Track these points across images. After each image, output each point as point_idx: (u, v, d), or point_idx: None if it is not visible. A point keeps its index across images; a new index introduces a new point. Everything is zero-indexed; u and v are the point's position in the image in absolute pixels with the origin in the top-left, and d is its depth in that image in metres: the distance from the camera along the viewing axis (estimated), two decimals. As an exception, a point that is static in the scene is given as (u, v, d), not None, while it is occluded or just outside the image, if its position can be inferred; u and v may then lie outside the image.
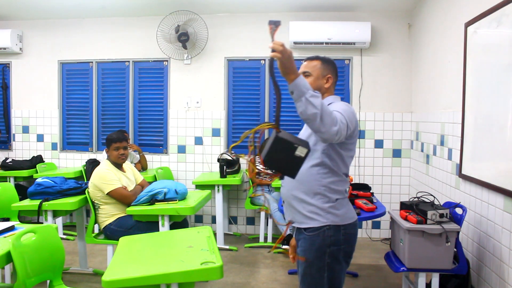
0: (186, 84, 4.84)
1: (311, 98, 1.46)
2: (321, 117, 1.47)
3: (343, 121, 1.57)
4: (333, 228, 1.72)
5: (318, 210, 1.73)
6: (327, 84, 1.85)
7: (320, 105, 1.47)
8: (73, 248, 3.98)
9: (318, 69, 1.83)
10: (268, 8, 4.55)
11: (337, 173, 1.75)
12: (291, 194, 1.80)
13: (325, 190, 1.73)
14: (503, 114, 2.39)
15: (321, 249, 1.72)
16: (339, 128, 1.51)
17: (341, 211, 1.74)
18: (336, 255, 1.73)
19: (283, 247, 3.99)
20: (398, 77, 4.53)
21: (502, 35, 2.43)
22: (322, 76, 1.84)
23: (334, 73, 1.88)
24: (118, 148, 3.29)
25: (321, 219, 1.72)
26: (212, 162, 4.79)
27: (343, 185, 1.78)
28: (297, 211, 1.79)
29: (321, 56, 1.89)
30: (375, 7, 4.44)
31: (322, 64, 1.84)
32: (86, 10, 4.70)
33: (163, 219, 2.97)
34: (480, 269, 2.71)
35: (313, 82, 1.81)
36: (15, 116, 5.16)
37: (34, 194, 3.17)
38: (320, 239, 1.72)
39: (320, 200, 1.73)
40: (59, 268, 2.28)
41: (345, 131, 1.57)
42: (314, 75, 1.83)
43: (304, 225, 1.76)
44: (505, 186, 2.33)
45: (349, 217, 1.77)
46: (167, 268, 1.82)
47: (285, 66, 1.49)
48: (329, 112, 1.50)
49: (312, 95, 1.47)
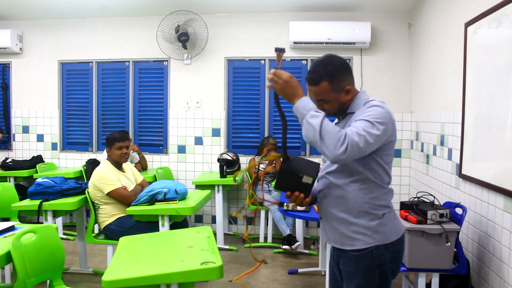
0: (186, 84, 4.84)
1: (310, 119, 1.38)
2: (321, 137, 1.36)
3: (360, 132, 1.40)
4: (381, 247, 1.54)
5: (364, 230, 1.54)
6: (349, 95, 1.59)
7: (318, 124, 1.36)
8: (73, 248, 3.98)
9: (329, 91, 1.55)
10: (268, 8, 4.55)
11: (381, 185, 1.56)
12: (330, 212, 1.61)
13: (370, 207, 1.54)
14: (503, 114, 2.38)
15: (370, 271, 1.55)
16: (347, 147, 1.36)
17: (388, 226, 1.56)
18: (386, 274, 1.57)
19: (283, 247, 3.99)
20: (398, 77, 4.53)
21: (502, 35, 2.43)
22: (339, 92, 1.57)
23: (345, 74, 1.58)
24: (121, 147, 3.29)
25: (368, 239, 1.54)
26: (212, 162, 4.79)
27: (389, 197, 1.60)
28: (337, 231, 1.60)
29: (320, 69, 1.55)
30: (375, 7, 4.44)
31: (330, 83, 1.54)
32: (86, 10, 4.70)
33: (163, 219, 2.97)
34: (480, 269, 2.70)
35: (335, 105, 1.59)
36: (15, 116, 5.16)
37: (34, 194, 3.17)
38: (368, 260, 1.55)
39: (365, 219, 1.54)
40: (59, 268, 2.28)
41: (365, 144, 1.40)
42: (332, 99, 1.57)
43: (348, 247, 1.57)
44: (505, 186, 2.33)
45: (397, 231, 1.60)
46: (167, 268, 1.82)
47: (284, 93, 1.45)
48: (332, 131, 1.37)
49: (312, 115, 1.38)
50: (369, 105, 1.52)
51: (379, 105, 1.51)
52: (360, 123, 1.44)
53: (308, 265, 3.72)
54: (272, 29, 4.66)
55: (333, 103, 1.58)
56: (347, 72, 1.60)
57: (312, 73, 1.56)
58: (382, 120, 1.45)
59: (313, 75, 1.56)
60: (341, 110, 1.63)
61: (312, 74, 1.56)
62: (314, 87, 1.56)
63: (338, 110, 1.62)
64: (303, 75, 4.65)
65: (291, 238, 3.96)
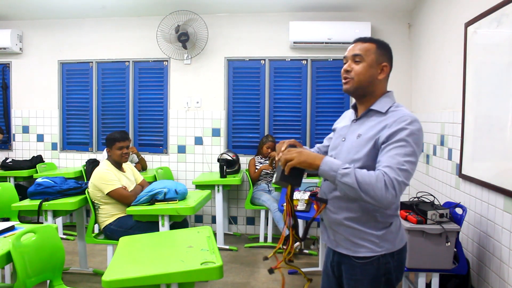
0: (186, 84, 4.84)
1: (343, 179, 1.32)
2: (364, 193, 1.30)
3: (401, 166, 1.33)
4: (387, 255, 1.50)
5: (373, 238, 1.49)
6: (382, 75, 1.51)
7: (355, 183, 1.30)
8: (73, 248, 3.98)
9: (372, 53, 1.49)
10: (268, 8, 4.55)
11: None
12: (337, 216, 1.54)
13: (380, 216, 1.49)
14: (503, 114, 2.38)
15: (376, 280, 1.51)
16: (396, 191, 1.31)
17: (394, 235, 1.52)
18: (391, 282, 1.53)
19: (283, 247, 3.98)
20: (398, 77, 4.52)
21: (502, 35, 2.43)
22: (377, 64, 1.50)
23: (391, 62, 1.54)
24: (122, 147, 3.29)
25: (375, 247, 1.49)
26: (212, 162, 4.79)
27: (397, 206, 1.56)
28: (343, 236, 1.54)
29: (375, 38, 1.56)
30: (375, 7, 4.44)
31: (377, 48, 1.51)
32: (86, 10, 4.70)
33: (163, 219, 2.97)
34: (480, 269, 2.70)
35: (365, 71, 1.49)
36: (15, 116, 5.16)
37: (34, 194, 3.17)
38: (374, 269, 1.50)
39: (374, 227, 1.49)
40: (59, 268, 2.28)
41: (409, 175, 1.35)
42: (367, 61, 1.49)
43: (353, 253, 1.52)
44: (505, 186, 2.33)
45: (402, 239, 1.57)
46: (167, 268, 1.82)
47: (303, 161, 1.38)
48: (370, 182, 1.30)
49: (342, 175, 1.32)
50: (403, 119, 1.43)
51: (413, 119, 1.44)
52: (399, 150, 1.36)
53: (308, 265, 3.72)
54: (272, 29, 4.66)
55: (366, 68, 1.49)
56: (391, 60, 1.56)
57: (365, 37, 1.57)
58: (419, 139, 1.42)
59: (366, 37, 1.56)
60: (362, 89, 1.52)
61: (364, 37, 1.57)
62: (361, 43, 1.52)
63: (361, 85, 1.51)
64: (303, 75, 4.66)
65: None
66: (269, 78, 4.73)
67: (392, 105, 1.51)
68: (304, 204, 3.00)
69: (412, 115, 1.46)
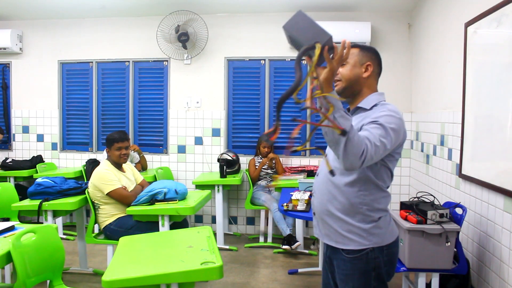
0: (186, 84, 4.84)
1: (340, 118, 1.28)
2: (345, 145, 1.28)
3: (377, 142, 1.36)
4: (376, 250, 1.53)
5: (359, 231, 1.53)
6: (366, 73, 1.59)
7: (349, 126, 1.28)
8: (73, 248, 3.98)
9: (355, 56, 1.58)
10: (268, 8, 4.55)
11: (381, 188, 1.56)
12: (325, 208, 1.59)
13: (367, 209, 1.53)
14: (503, 114, 2.38)
15: (366, 274, 1.54)
16: (365, 160, 1.32)
17: (383, 229, 1.55)
18: (382, 277, 1.56)
19: (283, 247, 3.99)
20: (398, 77, 4.52)
21: (502, 35, 2.43)
22: (360, 64, 1.59)
23: (376, 62, 1.61)
24: (120, 148, 3.29)
25: (363, 241, 1.53)
26: (212, 162, 4.79)
27: (387, 201, 1.59)
28: (332, 228, 1.58)
29: (360, 44, 1.64)
30: (375, 7, 4.44)
31: (360, 51, 1.60)
32: (86, 10, 4.70)
33: (163, 219, 2.97)
34: (480, 269, 2.70)
35: (350, 71, 1.57)
36: (15, 116, 5.16)
37: (34, 194, 3.17)
38: (363, 263, 1.53)
39: (361, 220, 1.53)
40: (59, 268, 2.28)
41: (377, 154, 1.37)
42: (351, 63, 1.58)
43: (342, 245, 1.56)
44: (505, 186, 2.33)
45: (392, 234, 1.59)
46: (167, 268, 1.82)
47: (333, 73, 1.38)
48: (358, 140, 1.30)
49: (342, 115, 1.29)
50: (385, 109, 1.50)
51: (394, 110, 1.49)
52: (376, 130, 1.40)
53: (308, 265, 3.72)
54: (272, 29, 4.66)
55: (350, 68, 1.58)
56: (377, 60, 1.63)
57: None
58: (396, 127, 1.44)
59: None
60: (349, 89, 1.59)
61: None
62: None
63: (348, 84, 1.58)
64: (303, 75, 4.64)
65: (291, 238, 3.96)
66: (269, 78, 4.73)
67: (379, 102, 1.57)
68: (304, 204, 3.00)
69: (396, 109, 1.51)
